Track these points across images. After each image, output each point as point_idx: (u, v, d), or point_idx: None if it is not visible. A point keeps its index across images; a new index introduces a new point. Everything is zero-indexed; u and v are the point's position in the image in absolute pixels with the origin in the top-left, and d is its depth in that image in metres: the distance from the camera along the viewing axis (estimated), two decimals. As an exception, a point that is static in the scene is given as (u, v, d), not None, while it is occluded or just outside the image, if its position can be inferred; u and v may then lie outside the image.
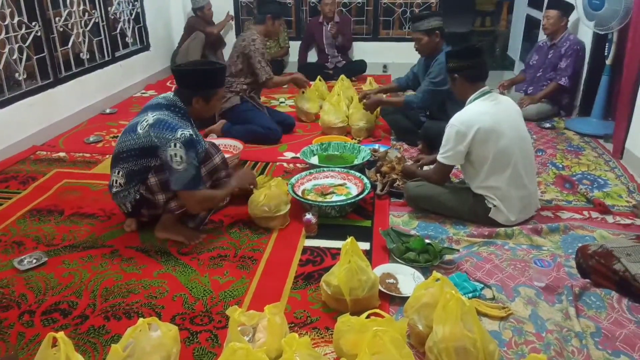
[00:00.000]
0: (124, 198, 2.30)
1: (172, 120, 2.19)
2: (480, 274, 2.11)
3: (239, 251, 2.30)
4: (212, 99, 2.29)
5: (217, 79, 2.29)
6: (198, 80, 2.24)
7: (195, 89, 2.24)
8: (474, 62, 2.37)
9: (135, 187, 2.27)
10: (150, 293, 2.02)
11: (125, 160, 2.26)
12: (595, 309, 1.90)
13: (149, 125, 2.19)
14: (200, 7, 5.35)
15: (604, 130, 3.63)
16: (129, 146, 2.24)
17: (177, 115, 2.24)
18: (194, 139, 2.16)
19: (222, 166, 2.49)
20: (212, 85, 2.27)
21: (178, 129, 2.13)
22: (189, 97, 2.25)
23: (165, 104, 2.26)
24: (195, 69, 2.29)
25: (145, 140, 2.19)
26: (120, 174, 2.28)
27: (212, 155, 2.44)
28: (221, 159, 2.49)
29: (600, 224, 2.50)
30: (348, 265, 1.85)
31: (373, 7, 5.79)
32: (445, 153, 2.40)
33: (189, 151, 2.12)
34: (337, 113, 3.76)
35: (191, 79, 2.24)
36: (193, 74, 2.25)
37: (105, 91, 4.45)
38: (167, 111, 2.23)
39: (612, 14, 3.37)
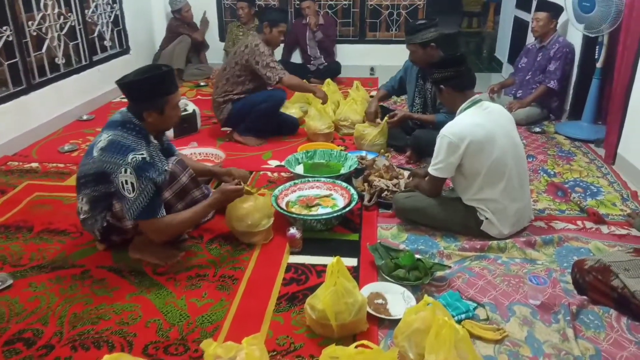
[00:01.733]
0: (92, 226, 2.16)
1: (126, 141, 1.98)
2: (473, 292, 2.00)
3: (219, 270, 2.17)
4: (165, 108, 2.04)
5: (166, 84, 2.03)
6: (145, 90, 1.99)
7: (145, 101, 2.01)
8: (459, 71, 2.27)
9: (101, 213, 2.12)
10: (122, 319, 1.88)
11: (85, 185, 2.10)
12: (593, 329, 1.81)
13: (101, 148, 1.99)
14: (178, 9, 5.21)
15: (595, 134, 3.56)
16: (86, 171, 2.07)
17: (131, 133, 2.01)
18: (146, 163, 1.95)
19: (192, 185, 2.24)
20: (162, 93, 2.02)
21: (129, 153, 1.93)
22: (140, 112, 2.03)
23: (120, 121, 2.05)
24: (138, 79, 1.99)
25: (99, 165, 2.00)
26: (84, 201, 2.13)
27: (178, 175, 2.19)
28: (189, 178, 2.23)
29: (595, 235, 2.41)
30: (334, 288, 1.73)
31: (359, 9, 5.70)
32: (436, 165, 2.30)
33: (141, 177, 1.93)
34: (323, 119, 3.64)
35: (137, 91, 2.01)
36: (137, 85, 1.99)
37: (82, 97, 4.29)
38: (122, 130, 2.01)
39: (602, 17, 3.30)
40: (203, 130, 3.93)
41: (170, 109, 2.06)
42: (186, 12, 5.27)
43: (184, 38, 5.20)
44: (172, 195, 2.14)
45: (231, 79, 3.51)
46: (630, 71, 3.02)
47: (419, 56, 3.17)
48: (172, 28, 5.29)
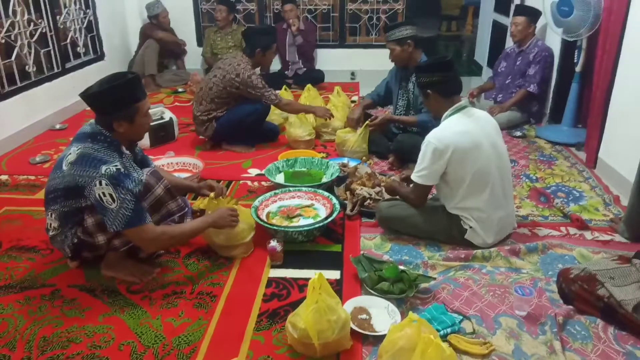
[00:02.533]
0: (62, 242, 2.06)
1: (97, 153, 1.90)
2: (459, 304, 1.96)
3: (196, 286, 2.09)
4: (135, 117, 1.95)
5: (133, 92, 1.94)
6: (111, 100, 1.90)
7: (112, 111, 1.91)
8: (446, 76, 2.23)
9: (72, 230, 2.02)
10: (93, 342, 1.79)
11: (54, 201, 2.00)
12: (581, 340, 1.78)
13: (71, 162, 1.91)
14: (155, 14, 5.09)
15: (576, 138, 3.57)
16: (55, 185, 1.98)
17: (102, 145, 1.93)
18: (121, 174, 1.87)
19: (167, 197, 2.11)
20: (130, 101, 1.93)
21: (102, 165, 1.85)
22: (109, 123, 1.93)
23: (89, 133, 1.96)
24: (103, 89, 1.89)
25: (70, 180, 1.91)
26: (53, 217, 2.03)
27: (153, 187, 2.06)
28: (164, 189, 2.10)
29: (579, 241, 2.40)
30: (316, 306, 1.67)
31: (339, 14, 5.65)
32: (420, 172, 2.24)
33: (117, 187, 1.85)
34: (304, 126, 3.59)
35: (104, 102, 1.91)
36: (103, 96, 1.89)
37: (54, 105, 4.15)
38: (92, 142, 1.93)
39: (581, 21, 3.30)
40: (181, 138, 3.84)
41: (140, 117, 1.98)
42: (163, 18, 5.17)
43: (150, 42, 5.08)
44: (147, 207, 2.04)
45: (217, 99, 3.43)
46: (609, 75, 3.02)
47: (397, 54, 3.17)
48: (147, 34, 5.16)
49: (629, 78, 2.87)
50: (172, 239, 2.05)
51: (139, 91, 1.98)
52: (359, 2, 5.62)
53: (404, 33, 3.11)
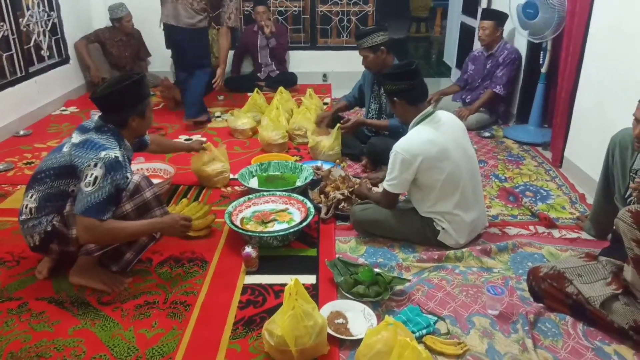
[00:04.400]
0: (33, 228, 1.99)
1: (101, 140, 1.97)
2: (433, 305, 1.98)
3: (170, 295, 2.05)
4: (146, 111, 2.12)
5: (145, 89, 2.13)
6: (126, 98, 2.03)
7: (128, 108, 2.04)
8: (413, 84, 2.25)
9: (48, 216, 1.98)
10: (64, 356, 1.74)
11: (41, 181, 1.99)
12: (551, 337, 1.83)
13: (74, 144, 1.98)
14: (119, 17, 4.96)
15: (542, 138, 3.66)
16: (49, 165, 2.00)
17: (107, 135, 2.02)
18: (119, 162, 1.94)
19: (155, 203, 2.08)
20: (143, 97, 2.09)
21: (104, 150, 1.92)
22: (124, 120, 2.06)
23: (95, 127, 2.04)
24: (117, 89, 2.01)
25: (67, 159, 1.96)
26: (32, 198, 1.99)
27: (143, 189, 2.05)
28: (153, 195, 2.07)
29: (548, 240, 2.46)
30: (292, 312, 1.66)
31: (310, 15, 5.66)
32: (391, 181, 2.28)
33: (108, 174, 1.89)
34: (277, 128, 3.57)
35: (118, 101, 2.02)
36: (118, 95, 2.01)
37: (18, 111, 4.02)
38: (96, 132, 2.01)
39: (545, 24, 3.39)
40: (151, 143, 3.76)
41: (149, 111, 2.15)
42: (127, 22, 5.04)
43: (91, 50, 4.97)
44: (133, 209, 2.00)
45: None
46: (574, 76, 3.12)
47: (370, 61, 3.15)
48: (105, 37, 5.03)
49: (592, 79, 2.97)
50: (119, 233, 1.96)
51: (147, 88, 2.18)
52: (329, 4, 5.63)
53: (376, 40, 3.08)
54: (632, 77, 2.56)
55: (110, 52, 5.06)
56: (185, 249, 2.37)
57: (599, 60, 2.91)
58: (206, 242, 2.43)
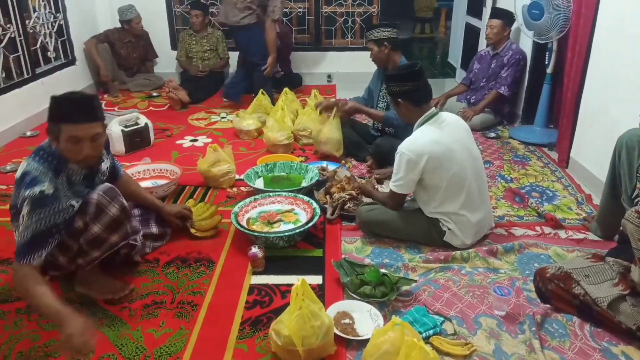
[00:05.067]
0: None
1: (34, 172, 1.77)
2: (439, 305, 1.99)
3: (177, 295, 2.06)
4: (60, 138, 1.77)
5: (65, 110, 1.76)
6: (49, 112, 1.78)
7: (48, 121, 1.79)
8: (416, 85, 2.26)
9: None
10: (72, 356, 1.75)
11: (15, 218, 1.88)
12: (558, 338, 1.82)
13: (17, 179, 1.83)
14: (128, 19, 5.00)
15: (548, 138, 3.66)
16: (12, 202, 1.87)
17: (42, 163, 1.81)
18: (45, 196, 1.72)
19: (123, 216, 1.94)
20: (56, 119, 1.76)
21: (29, 187, 1.73)
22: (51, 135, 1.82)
23: (40, 147, 1.88)
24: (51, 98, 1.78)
25: (14, 200, 1.83)
26: (16, 233, 1.93)
27: (105, 207, 1.88)
28: (120, 209, 1.92)
29: (554, 240, 2.46)
30: (299, 312, 1.67)
31: (314, 16, 5.66)
32: (397, 182, 2.28)
33: (33, 211, 1.71)
34: (282, 129, 3.58)
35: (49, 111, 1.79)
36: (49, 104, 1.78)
37: (25, 112, 4.04)
38: (34, 158, 1.83)
39: (551, 24, 3.39)
40: (156, 144, 3.79)
41: (63, 140, 1.77)
42: (136, 24, 5.08)
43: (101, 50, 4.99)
44: (103, 229, 1.90)
45: None
46: (579, 76, 3.11)
47: (374, 55, 3.25)
48: (114, 38, 5.06)
49: (598, 79, 2.96)
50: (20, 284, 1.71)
51: (74, 113, 1.76)
52: (334, 4, 5.64)
53: (381, 34, 3.17)
54: (639, 78, 2.55)
55: (119, 53, 5.10)
56: (192, 249, 2.38)
57: (604, 61, 2.90)
58: (212, 242, 2.44)
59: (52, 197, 1.75)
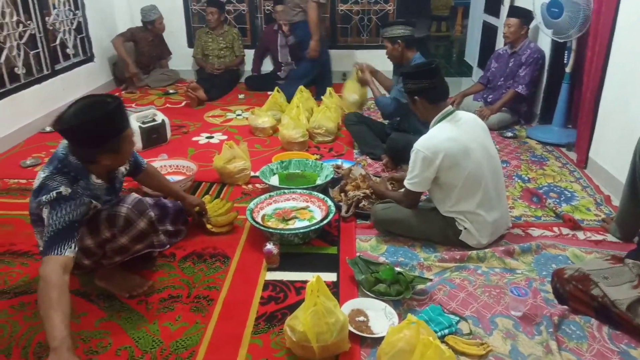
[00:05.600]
0: None
1: (52, 183, 1.75)
2: (455, 305, 1.97)
3: (193, 290, 2.08)
4: (122, 145, 1.81)
5: (119, 121, 1.77)
6: (95, 133, 1.72)
7: (98, 144, 1.75)
8: (433, 83, 2.24)
9: None
10: (90, 347, 1.78)
11: (35, 223, 1.91)
12: (576, 340, 1.80)
13: (34, 191, 1.81)
14: (151, 20, 5.05)
15: (566, 138, 3.61)
16: (31, 209, 1.88)
17: (62, 176, 1.77)
18: (61, 197, 1.71)
19: (150, 230, 1.93)
20: (117, 132, 1.77)
21: (46, 194, 1.72)
22: (91, 156, 1.79)
23: (59, 159, 1.81)
24: (83, 122, 1.69)
25: (34, 207, 1.83)
26: (39, 237, 1.95)
27: (134, 221, 1.88)
28: (148, 223, 1.91)
29: (572, 242, 2.42)
30: (314, 308, 1.67)
31: (330, 14, 5.66)
32: (412, 179, 2.27)
33: (53, 211, 1.70)
34: (297, 127, 3.58)
35: (86, 135, 1.72)
36: (86, 129, 1.70)
37: (44, 108, 4.10)
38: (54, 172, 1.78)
39: (570, 22, 3.34)
40: (173, 140, 3.82)
41: (125, 144, 1.84)
42: (159, 24, 5.13)
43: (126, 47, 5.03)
44: (129, 241, 1.90)
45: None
46: (599, 76, 3.06)
47: (389, 52, 3.28)
48: (138, 37, 5.12)
49: (618, 79, 2.91)
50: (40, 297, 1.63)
51: (125, 119, 1.82)
52: (349, 3, 5.63)
53: (395, 32, 3.19)
54: (661, 77, 2.51)
55: (141, 51, 5.17)
56: (208, 244, 2.39)
57: (625, 60, 2.85)
58: (228, 238, 2.46)
59: (69, 196, 1.74)
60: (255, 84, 5.22)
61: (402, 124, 3.34)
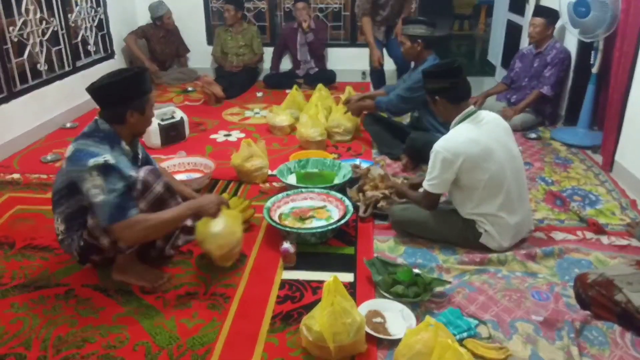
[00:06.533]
0: (69, 246, 2.04)
1: (88, 148, 1.88)
2: (474, 308, 1.94)
3: (210, 287, 2.08)
4: (146, 107, 2.00)
5: (145, 83, 2.00)
6: (126, 91, 1.93)
7: (127, 102, 1.93)
8: (455, 83, 2.20)
9: (77, 232, 2.00)
10: (108, 342, 1.79)
11: (59, 203, 2.00)
12: (598, 346, 1.75)
13: (67, 159, 1.92)
14: (159, 16, 5.09)
15: (592, 141, 3.53)
16: (58, 185, 1.99)
17: (95, 140, 1.91)
18: (108, 165, 1.83)
19: (168, 195, 2.03)
20: (142, 92, 1.98)
21: (90, 158, 1.82)
22: (121, 115, 1.94)
23: (87, 132, 1.96)
24: (116, 79, 1.92)
25: (67, 177, 1.93)
26: (59, 220, 2.02)
27: (151, 184, 1.97)
28: (164, 187, 2.01)
29: (596, 246, 2.36)
30: (331, 308, 1.65)
31: (350, 12, 5.62)
32: (431, 181, 2.23)
33: (107, 178, 1.82)
34: (316, 126, 3.57)
35: (118, 93, 1.92)
36: (116, 87, 1.91)
37: (65, 104, 4.16)
38: (86, 138, 1.92)
39: (597, 22, 3.26)
40: (191, 138, 3.83)
41: (149, 108, 2.03)
42: (167, 19, 5.16)
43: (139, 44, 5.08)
44: (148, 207, 1.97)
45: None
46: (626, 77, 2.98)
47: (406, 49, 3.23)
48: (150, 33, 5.16)
49: (647, 80, 2.83)
50: (148, 230, 1.89)
51: (148, 83, 2.04)
52: (370, 1, 5.59)
53: (417, 31, 3.15)
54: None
55: (154, 48, 5.21)
56: (225, 242, 2.39)
57: (655, 60, 2.77)
58: (245, 236, 2.43)
59: (113, 166, 1.85)
60: (274, 82, 5.22)
61: (421, 123, 3.29)
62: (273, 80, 5.25)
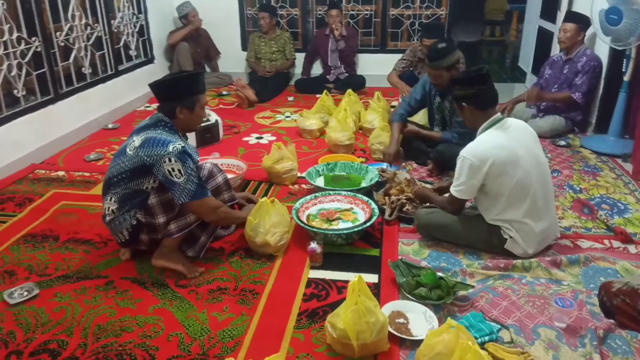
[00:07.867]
0: (120, 225, 2.19)
1: (161, 136, 2.12)
2: (497, 313, 1.97)
3: (240, 283, 2.18)
4: (196, 106, 2.21)
5: (197, 85, 2.22)
6: (178, 89, 2.17)
7: (177, 99, 2.17)
8: (482, 89, 2.23)
9: (130, 212, 2.17)
10: (144, 332, 1.90)
11: (116, 184, 2.18)
12: (621, 355, 1.76)
13: (137, 146, 2.12)
14: (185, 14, 5.25)
15: (622, 149, 3.49)
16: (119, 170, 2.17)
17: (164, 129, 2.17)
18: (186, 151, 2.12)
19: (225, 187, 2.43)
20: (193, 92, 2.20)
21: (169, 143, 2.07)
22: (172, 110, 2.17)
23: (151, 124, 2.20)
24: (173, 78, 2.23)
25: (136, 161, 2.11)
26: (112, 200, 2.19)
27: (215, 175, 2.40)
28: (224, 180, 2.43)
29: (623, 255, 2.36)
30: (355, 307, 1.72)
31: (381, 19, 5.68)
32: (458, 186, 2.27)
33: (185, 163, 2.07)
34: (344, 130, 3.64)
35: (170, 90, 2.18)
36: (171, 84, 2.19)
37: (107, 106, 4.37)
38: (154, 129, 2.17)
39: (629, 30, 3.23)
40: (225, 140, 3.96)
41: (199, 107, 2.23)
42: (193, 18, 5.29)
43: (181, 46, 5.20)
44: None
45: None
46: (659, 86, 2.95)
47: (444, 79, 3.03)
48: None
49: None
50: (226, 215, 2.32)
51: (201, 85, 2.24)
52: (401, 7, 5.63)
53: (453, 59, 2.99)
54: None
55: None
56: (255, 241, 2.49)
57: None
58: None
59: (188, 152, 2.13)
60: (305, 86, 5.32)
61: None
62: (304, 85, 5.35)
